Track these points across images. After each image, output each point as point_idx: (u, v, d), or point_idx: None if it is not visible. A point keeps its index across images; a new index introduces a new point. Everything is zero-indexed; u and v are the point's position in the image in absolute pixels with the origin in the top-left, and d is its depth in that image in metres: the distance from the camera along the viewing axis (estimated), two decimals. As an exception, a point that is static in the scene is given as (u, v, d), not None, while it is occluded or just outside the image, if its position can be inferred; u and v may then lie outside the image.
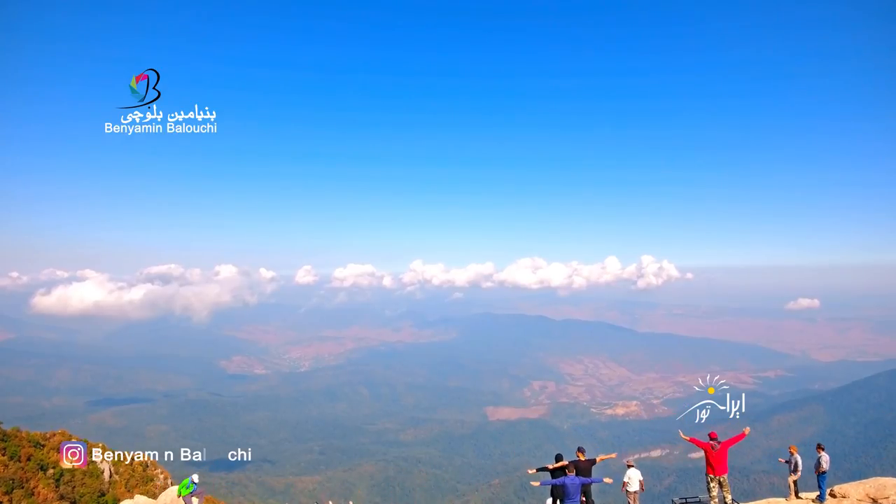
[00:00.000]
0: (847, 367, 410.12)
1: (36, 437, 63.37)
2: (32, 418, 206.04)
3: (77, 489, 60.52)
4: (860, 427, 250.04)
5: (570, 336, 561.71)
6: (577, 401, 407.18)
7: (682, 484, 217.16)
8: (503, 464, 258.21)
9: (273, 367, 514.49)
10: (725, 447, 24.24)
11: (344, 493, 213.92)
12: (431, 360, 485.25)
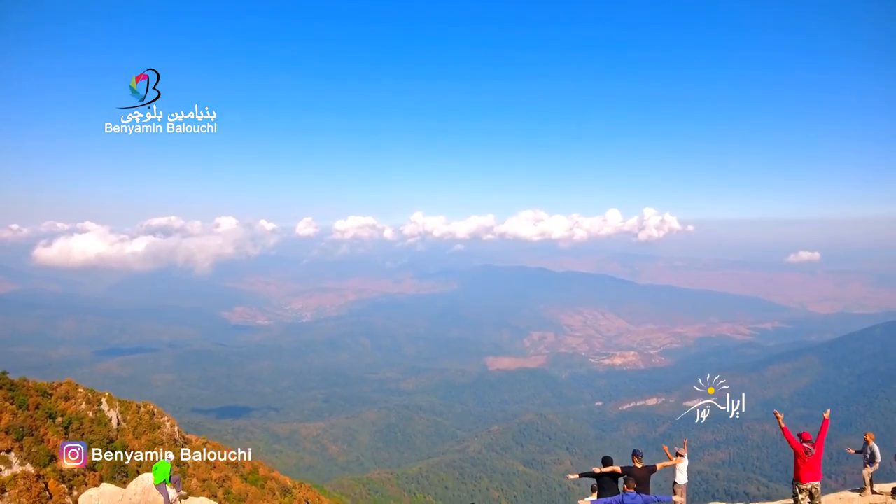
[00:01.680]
0: (844, 320, 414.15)
1: (43, 386, 64.13)
2: (39, 368, 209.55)
3: (86, 436, 61.70)
4: (853, 378, 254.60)
5: (570, 288, 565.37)
6: (576, 351, 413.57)
7: (676, 431, 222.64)
8: (502, 411, 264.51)
9: (275, 318, 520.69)
10: (821, 449, 18.67)
11: (347, 438, 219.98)
12: (432, 311, 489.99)
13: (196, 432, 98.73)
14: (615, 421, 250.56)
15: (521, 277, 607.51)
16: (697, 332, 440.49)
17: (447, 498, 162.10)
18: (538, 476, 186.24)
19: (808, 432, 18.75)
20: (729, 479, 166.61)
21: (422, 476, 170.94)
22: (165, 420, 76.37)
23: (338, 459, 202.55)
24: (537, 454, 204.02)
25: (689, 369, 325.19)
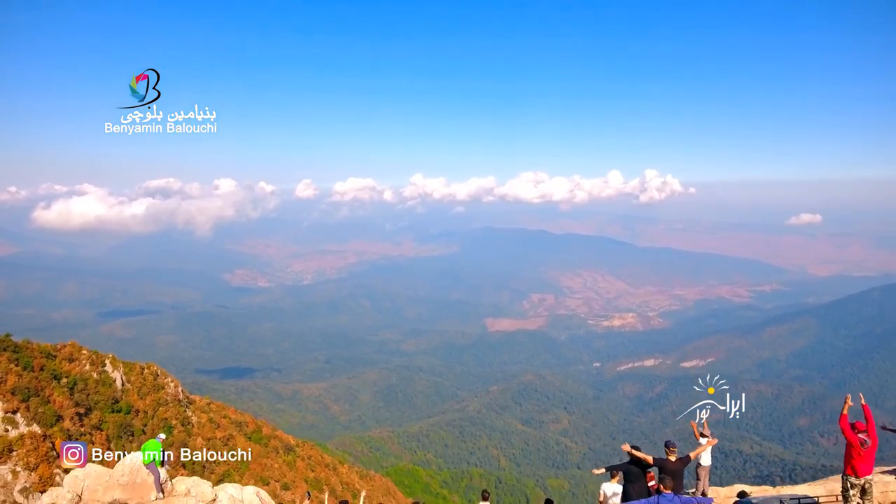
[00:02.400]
0: (843, 282, 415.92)
1: (47, 348, 64.65)
2: (43, 330, 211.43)
3: (91, 397, 62.50)
4: (849, 339, 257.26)
5: (570, 250, 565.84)
6: (575, 313, 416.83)
7: (672, 391, 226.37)
8: (502, 372, 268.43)
9: (276, 280, 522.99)
10: (875, 440, 16.04)
11: (349, 398, 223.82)
12: (432, 273, 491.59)
13: (200, 393, 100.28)
14: (612, 381, 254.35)
15: (522, 240, 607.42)
16: (696, 295, 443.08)
17: (447, 455, 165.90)
18: (536, 434, 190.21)
19: (861, 421, 15.78)
20: (723, 437, 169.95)
21: (422, 434, 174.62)
22: (169, 381, 77.31)
23: (340, 418, 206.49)
24: (535, 413, 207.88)
25: (688, 331, 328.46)
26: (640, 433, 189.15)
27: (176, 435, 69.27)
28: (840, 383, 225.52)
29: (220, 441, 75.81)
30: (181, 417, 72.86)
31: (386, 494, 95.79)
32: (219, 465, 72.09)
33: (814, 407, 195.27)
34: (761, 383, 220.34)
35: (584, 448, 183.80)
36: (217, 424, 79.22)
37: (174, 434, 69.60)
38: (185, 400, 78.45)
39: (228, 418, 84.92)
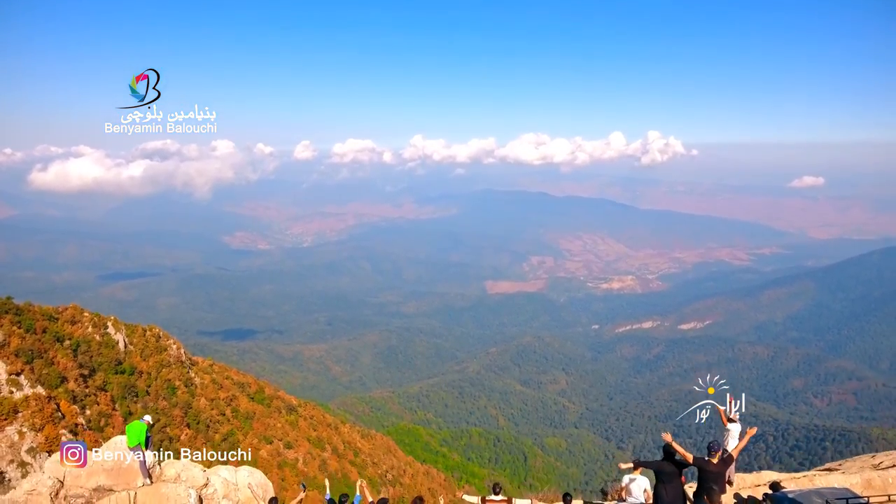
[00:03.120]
0: (843, 245, 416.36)
1: (49, 310, 64.82)
2: (44, 293, 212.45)
3: (94, 359, 63.06)
4: (847, 302, 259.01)
5: (571, 213, 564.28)
6: (574, 275, 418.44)
7: (670, 353, 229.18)
8: (501, 334, 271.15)
9: (276, 243, 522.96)
10: None
11: (349, 359, 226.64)
12: (432, 235, 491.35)
13: (202, 354, 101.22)
14: (611, 343, 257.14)
15: (522, 202, 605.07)
16: (696, 258, 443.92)
17: (447, 415, 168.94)
18: (534, 395, 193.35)
19: None
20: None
21: (422, 395, 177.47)
22: (171, 343, 77.96)
23: (341, 379, 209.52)
24: (534, 374, 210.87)
25: (686, 293, 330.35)
26: (636, 394, 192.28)
27: (179, 396, 70.24)
28: (836, 345, 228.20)
29: (223, 401, 76.96)
30: (184, 378, 73.76)
31: (387, 453, 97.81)
32: (223, 424, 73.51)
33: (808, 369, 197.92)
34: (758, 345, 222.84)
35: (581, 408, 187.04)
36: (220, 385, 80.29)
37: (178, 395, 70.64)
38: (188, 361, 79.28)
39: (231, 379, 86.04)
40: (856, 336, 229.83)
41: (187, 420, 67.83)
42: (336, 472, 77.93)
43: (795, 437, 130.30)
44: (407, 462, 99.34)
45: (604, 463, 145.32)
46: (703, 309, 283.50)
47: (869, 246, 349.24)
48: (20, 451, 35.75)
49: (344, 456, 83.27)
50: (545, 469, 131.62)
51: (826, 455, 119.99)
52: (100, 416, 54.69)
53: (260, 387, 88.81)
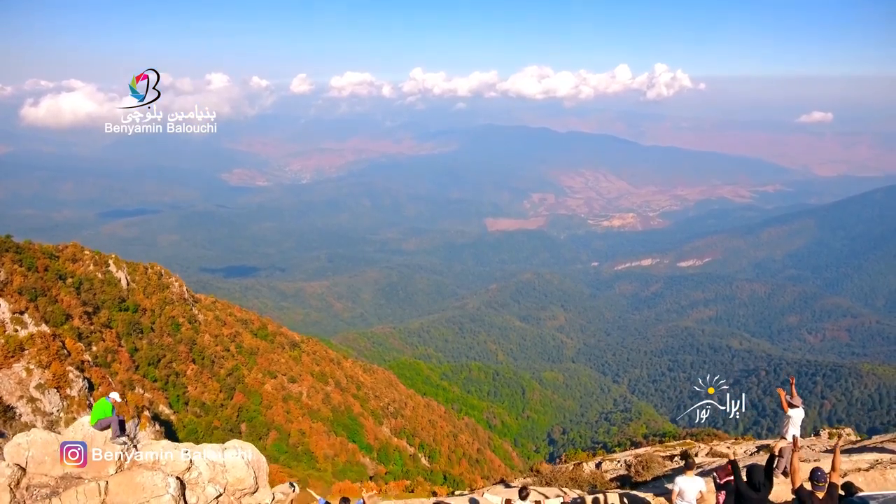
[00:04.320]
0: (847, 183, 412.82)
1: (49, 249, 64.82)
2: (44, 230, 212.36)
3: (98, 296, 63.62)
4: (847, 240, 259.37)
5: (573, 149, 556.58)
6: (575, 213, 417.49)
7: (668, 290, 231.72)
8: (501, 271, 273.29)
9: (275, 180, 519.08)
10: None
11: (351, 296, 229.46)
12: (433, 171, 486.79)
13: (205, 291, 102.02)
14: (609, 280, 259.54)
15: (524, 137, 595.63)
16: (698, 195, 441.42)
17: (447, 350, 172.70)
18: (533, 331, 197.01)
19: None
20: (714, 333, 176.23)
21: (423, 331, 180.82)
22: (173, 280, 78.46)
23: (342, 315, 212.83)
24: (533, 310, 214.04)
25: (687, 231, 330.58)
26: (633, 330, 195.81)
27: (184, 332, 71.38)
28: (833, 283, 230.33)
29: (227, 338, 78.35)
30: (188, 315, 74.74)
31: (388, 386, 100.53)
32: (227, 360, 75.15)
33: (804, 305, 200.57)
34: (756, 282, 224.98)
35: (578, 343, 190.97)
36: (223, 322, 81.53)
37: (182, 331, 71.76)
38: (191, 299, 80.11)
39: (234, 316, 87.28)
40: (853, 274, 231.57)
41: (192, 356, 69.20)
42: (339, 405, 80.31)
43: (787, 372, 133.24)
44: (408, 395, 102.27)
45: (599, 396, 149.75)
46: (702, 247, 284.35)
47: (873, 184, 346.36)
48: (28, 387, 36.54)
49: (347, 390, 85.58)
50: (542, 402, 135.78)
51: (816, 389, 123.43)
52: (106, 353, 55.68)
53: (263, 323, 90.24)
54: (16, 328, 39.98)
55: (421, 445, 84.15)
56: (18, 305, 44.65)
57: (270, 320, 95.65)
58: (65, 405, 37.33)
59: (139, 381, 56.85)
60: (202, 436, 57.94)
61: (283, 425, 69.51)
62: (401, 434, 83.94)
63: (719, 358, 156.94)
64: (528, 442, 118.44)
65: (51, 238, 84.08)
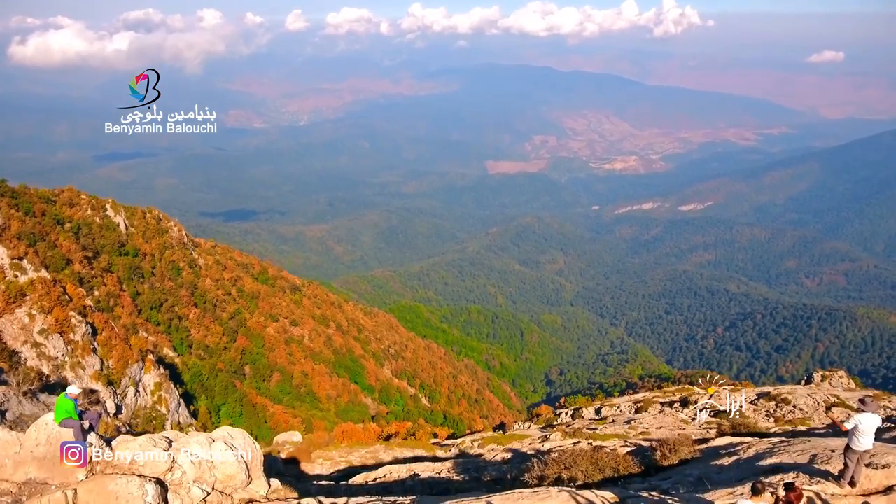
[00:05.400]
0: (853, 125, 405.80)
1: (46, 193, 64.08)
2: (41, 173, 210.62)
3: (97, 241, 63.44)
4: (850, 184, 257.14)
5: (576, 89, 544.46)
6: (577, 155, 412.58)
7: (668, 234, 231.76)
8: (501, 214, 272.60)
9: (272, 121, 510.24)
10: None
11: (351, 239, 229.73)
12: (432, 112, 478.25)
13: (204, 235, 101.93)
14: (610, 224, 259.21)
15: (526, 77, 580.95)
16: (702, 137, 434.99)
17: (447, 293, 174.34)
18: (532, 274, 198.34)
19: None
20: (712, 277, 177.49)
21: (423, 274, 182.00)
22: (172, 225, 78.16)
23: (343, 259, 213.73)
24: (533, 254, 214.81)
25: (689, 174, 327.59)
26: (632, 273, 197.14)
27: (185, 277, 71.62)
28: (834, 227, 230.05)
29: (228, 282, 78.75)
30: (188, 260, 74.82)
31: (389, 329, 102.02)
32: (229, 304, 75.78)
33: (803, 250, 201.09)
34: (756, 227, 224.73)
35: (577, 287, 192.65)
36: (224, 266, 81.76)
37: (183, 276, 71.98)
38: (190, 243, 80.00)
39: (234, 260, 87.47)
40: (854, 218, 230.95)
41: (194, 300, 69.70)
42: (341, 347, 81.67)
43: (783, 316, 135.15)
44: (409, 338, 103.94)
45: (597, 338, 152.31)
46: (704, 190, 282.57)
47: (880, 126, 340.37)
48: (32, 332, 36.85)
49: (348, 332, 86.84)
50: (541, 344, 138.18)
51: (810, 332, 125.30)
52: (108, 297, 55.99)
53: (263, 267, 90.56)
54: (15, 274, 39.91)
55: (421, 386, 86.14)
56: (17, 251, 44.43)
57: (271, 264, 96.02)
58: (69, 350, 37.74)
59: (142, 325, 57.43)
60: (206, 378, 59.10)
61: (286, 367, 70.83)
62: (402, 375, 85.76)
63: (716, 301, 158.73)
64: (526, 383, 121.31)
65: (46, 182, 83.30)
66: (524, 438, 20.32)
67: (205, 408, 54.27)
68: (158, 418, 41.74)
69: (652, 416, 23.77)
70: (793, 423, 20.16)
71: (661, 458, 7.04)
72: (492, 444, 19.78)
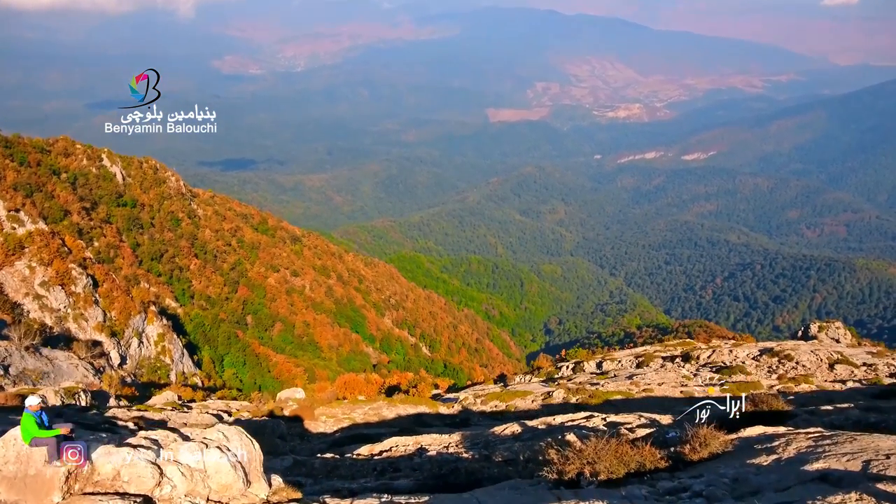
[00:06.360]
0: (863, 73, 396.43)
1: (40, 143, 63.09)
2: (34, 123, 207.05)
3: (94, 192, 62.89)
4: (857, 133, 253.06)
5: (580, 34, 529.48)
6: (580, 103, 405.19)
7: (670, 184, 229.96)
8: (502, 163, 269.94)
9: (268, 67, 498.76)
10: None
11: (350, 189, 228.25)
12: (432, 58, 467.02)
13: (202, 185, 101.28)
14: (612, 173, 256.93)
15: (529, 20, 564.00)
16: (708, 84, 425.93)
17: (447, 243, 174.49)
18: (533, 224, 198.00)
19: None
20: (713, 228, 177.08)
21: (423, 224, 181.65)
22: (170, 175, 77.32)
23: (343, 209, 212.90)
24: (533, 204, 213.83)
25: (693, 123, 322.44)
26: (633, 224, 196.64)
27: (184, 227, 71.36)
28: (838, 177, 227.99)
29: (228, 232, 78.54)
30: (187, 210, 74.36)
31: (389, 279, 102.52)
32: (230, 254, 75.81)
33: (806, 200, 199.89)
34: (759, 177, 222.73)
35: (578, 237, 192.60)
36: (223, 217, 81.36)
37: (182, 226, 71.67)
38: (189, 193, 79.32)
39: (233, 211, 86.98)
40: (859, 168, 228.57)
41: (195, 250, 69.66)
42: (342, 297, 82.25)
43: (782, 266, 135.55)
44: (409, 288, 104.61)
45: (596, 288, 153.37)
46: (708, 139, 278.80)
47: (891, 74, 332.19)
48: (33, 284, 36.88)
49: (349, 283, 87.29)
50: (540, 294, 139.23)
51: (809, 283, 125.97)
52: (108, 248, 55.93)
53: (263, 218, 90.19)
54: (13, 226, 39.60)
55: (422, 336, 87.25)
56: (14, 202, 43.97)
57: (270, 215, 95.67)
58: (71, 301, 37.83)
59: (144, 276, 57.61)
60: (209, 328, 59.71)
61: (287, 317, 71.49)
62: (402, 325, 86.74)
63: (716, 252, 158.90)
64: (525, 332, 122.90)
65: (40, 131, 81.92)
66: (527, 395, 20.55)
67: (208, 358, 55.08)
68: (163, 368, 42.36)
69: (654, 372, 23.90)
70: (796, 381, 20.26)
71: (691, 451, 6.61)
72: (494, 400, 20.05)
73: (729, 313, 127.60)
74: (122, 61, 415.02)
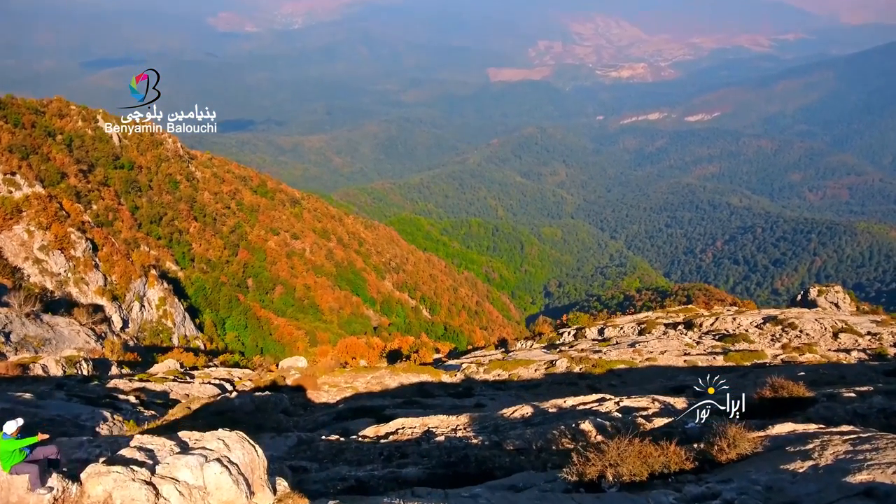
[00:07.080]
0: (872, 31, 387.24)
1: (34, 103, 61.93)
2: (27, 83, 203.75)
3: (91, 154, 62.11)
4: (864, 94, 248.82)
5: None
6: (583, 62, 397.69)
7: (673, 146, 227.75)
8: (503, 124, 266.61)
9: (264, 25, 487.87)
10: None
11: (349, 150, 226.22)
12: (432, 16, 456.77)
13: (200, 147, 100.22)
14: (614, 135, 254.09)
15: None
16: (714, 43, 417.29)
17: (447, 206, 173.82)
18: (534, 187, 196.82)
19: None
20: (715, 191, 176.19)
21: (423, 186, 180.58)
22: (167, 136, 76.19)
23: (342, 170, 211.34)
24: (534, 166, 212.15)
25: (698, 83, 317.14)
26: (634, 186, 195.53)
27: (183, 190, 70.77)
28: (842, 139, 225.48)
29: (227, 195, 77.96)
30: (185, 173, 73.61)
31: (389, 242, 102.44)
32: (229, 217, 75.42)
33: (809, 162, 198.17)
34: (763, 138, 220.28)
35: (579, 200, 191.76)
36: (222, 179, 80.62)
37: (181, 189, 71.04)
38: (186, 155, 78.43)
39: (232, 173, 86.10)
40: (865, 130, 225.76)
41: (194, 213, 69.27)
42: (342, 260, 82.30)
43: (783, 230, 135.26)
44: (409, 250, 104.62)
45: (596, 251, 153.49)
46: (713, 100, 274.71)
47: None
48: (32, 249, 36.75)
49: (349, 246, 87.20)
50: (540, 256, 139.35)
51: (809, 246, 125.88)
52: (107, 211, 55.60)
53: (262, 180, 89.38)
54: (10, 189, 39.21)
55: (422, 298, 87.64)
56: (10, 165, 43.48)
57: (269, 177, 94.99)
58: (71, 266, 37.75)
59: (143, 240, 57.44)
60: (210, 292, 59.88)
61: (288, 280, 71.65)
62: (403, 288, 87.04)
63: (717, 215, 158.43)
64: (525, 295, 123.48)
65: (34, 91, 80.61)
66: (529, 364, 20.60)
67: (210, 321, 55.42)
68: (165, 332, 42.64)
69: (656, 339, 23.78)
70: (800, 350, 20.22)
71: (718, 452, 6.20)
72: (497, 369, 20.12)
73: (728, 276, 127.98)
74: (116, 19, 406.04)
